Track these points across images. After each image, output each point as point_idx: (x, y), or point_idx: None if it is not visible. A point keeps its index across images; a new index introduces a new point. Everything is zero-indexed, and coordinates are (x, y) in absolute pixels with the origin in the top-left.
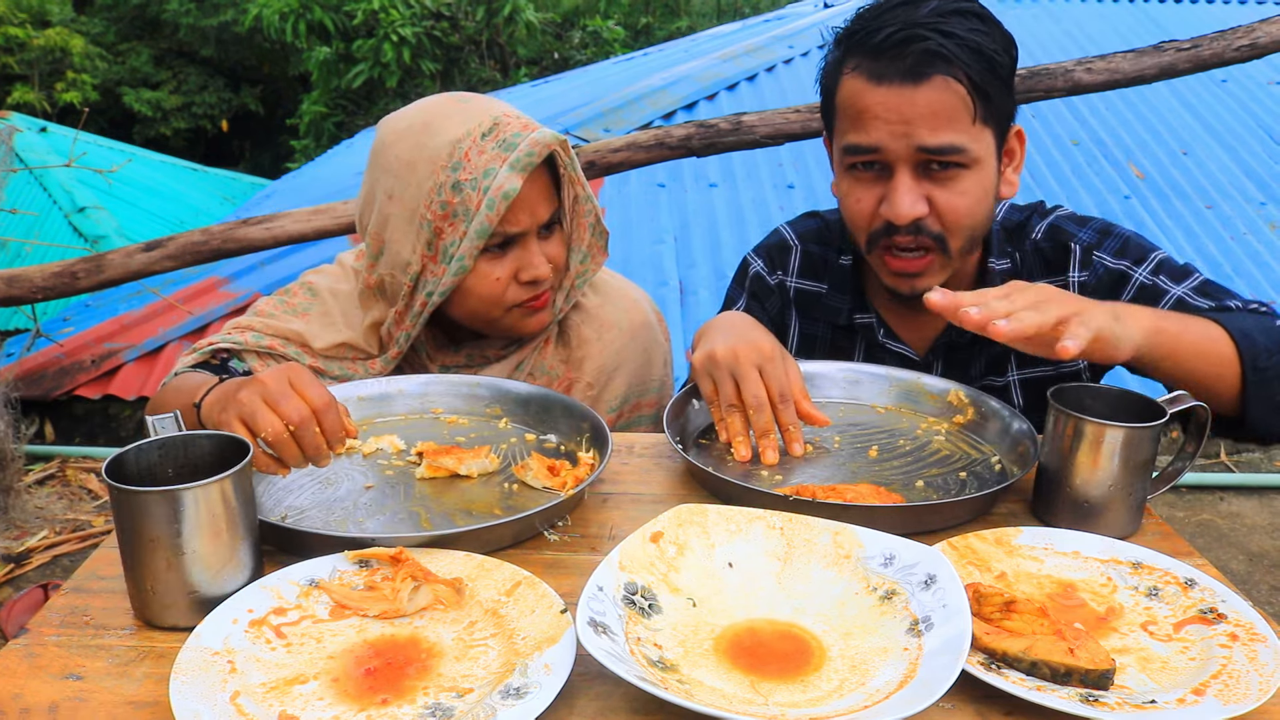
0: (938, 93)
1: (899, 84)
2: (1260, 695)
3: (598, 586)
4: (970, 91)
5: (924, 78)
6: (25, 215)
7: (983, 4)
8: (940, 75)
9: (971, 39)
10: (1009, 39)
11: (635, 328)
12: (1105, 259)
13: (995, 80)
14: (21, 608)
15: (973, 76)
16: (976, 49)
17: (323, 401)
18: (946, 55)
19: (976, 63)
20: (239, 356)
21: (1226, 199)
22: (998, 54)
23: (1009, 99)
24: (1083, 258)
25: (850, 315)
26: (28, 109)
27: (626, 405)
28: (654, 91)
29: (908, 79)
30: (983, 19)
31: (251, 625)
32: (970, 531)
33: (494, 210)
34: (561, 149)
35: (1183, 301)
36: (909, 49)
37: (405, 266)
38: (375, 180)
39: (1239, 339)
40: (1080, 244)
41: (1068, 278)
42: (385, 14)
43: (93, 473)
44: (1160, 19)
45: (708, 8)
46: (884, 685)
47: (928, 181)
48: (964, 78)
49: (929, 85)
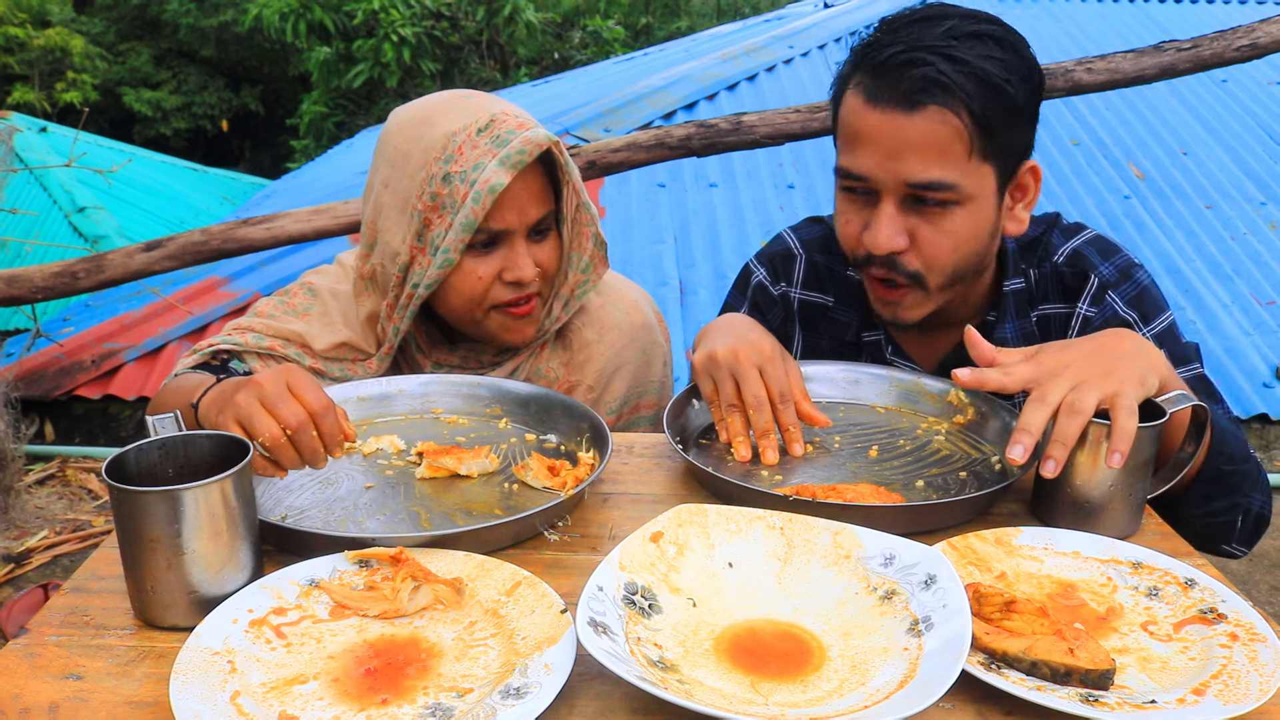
0: (931, 124)
1: (893, 109)
2: (1260, 695)
3: (598, 586)
4: (970, 125)
5: (919, 106)
6: (25, 215)
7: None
8: (936, 105)
9: (980, 66)
10: (1030, 67)
11: (635, 329)
12: (1118, 304)
13: (1002, 112)
14: (21, 608)
15: (974, 109)
16: (983, 78)
17: (320, 405)
18: (946, 84)
19: (981, 93)
20: (239, 357)
21: (1226, 199)
22: (1010, 84)
23: (1021, 132)
24: (1096, 293)
25: (858, 333)
26: (28, 109)
27: (626, 407)
28: (654, 91)
29: (903, 105)
30: (1002, 44)
31: (251, 625)
32: (970, 531)
33: (479, 204)
34: (557, 150)
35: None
36: (908, 73)
37: (395, 256)
38: (376, 169)
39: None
40: (1099, 277)
41: (1076, 307)
42: (385, 14)
43: (93, 473)
44: (1160, 19)
45: (708, 8)
46: (884, 685)
47: (914, 215)
48: (964, 109)
49: (923, 115)
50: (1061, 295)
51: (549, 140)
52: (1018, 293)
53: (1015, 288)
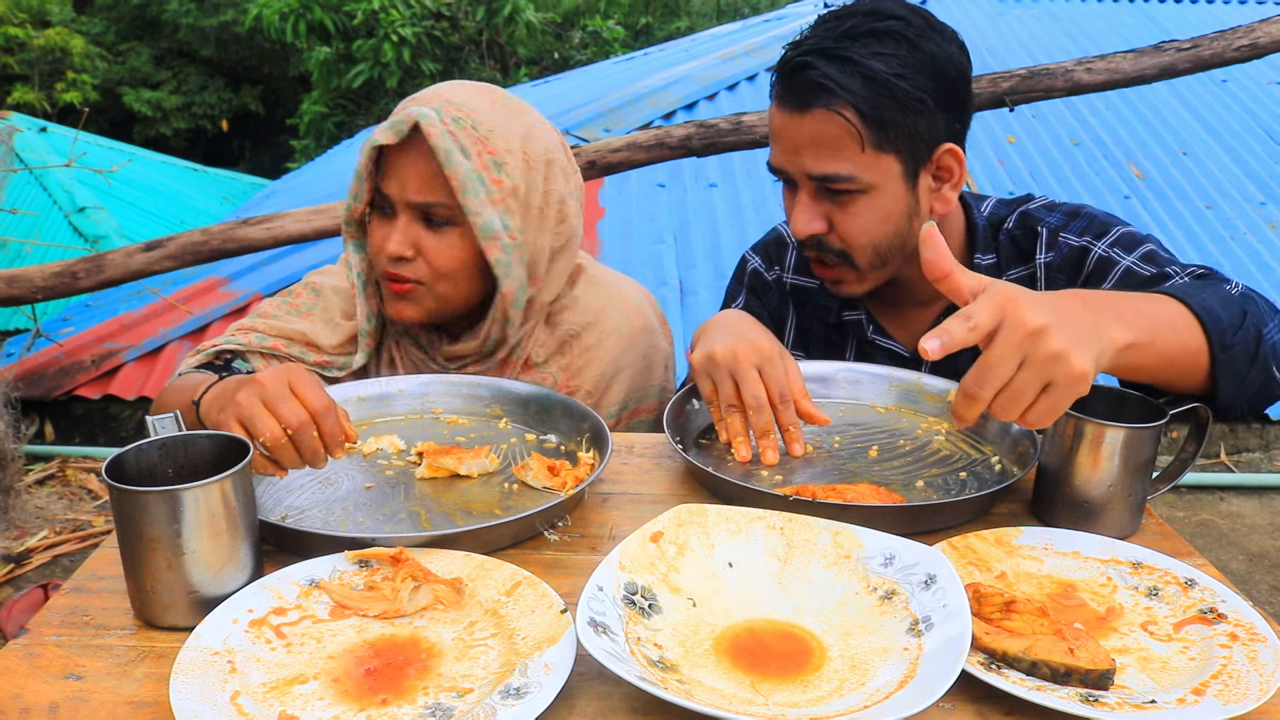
0: (818, 124)
1: (789, 111)
2: (1260, 695)
3: (598, 586)
4: (858, 122)
5: (807, 108)
6: (25, 215)
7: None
8: (821, 108)
9: (868, 65)
10: (934, 59)
11: (635, 333)
12: (1070, 238)
13: (895, 105)
14: (21, 608)
15: (859, 106)
16: (870, 75)
17: (322, 405)
18: (829, 87)
19: (868, 90)
20: (243, 357)
21: (1226, 199)
22: (904, 77)
23: (924, 121)
24: (1049, 239)
25: (839, 313)
26: (28, 109)
27: (625, 411)
28: (654, 91)
29: (795, 107)
30: (897, 39)
31: (251, 625)
32: (970, 531)
33: (363, 157)
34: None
35: (1130, 271)
36: (797, 78)
37: (350, 209)
38: None
39: (1205, 320)
40: (1048, 227)
41: (1036, 261)
42: (385, 14)
43: (93, 473)
44: (1160, 19)
45: (708, 8)
46: (884, 685)
47: (828, 201)
48: (849, 109)
49: (810, 117)
50: (1019, 258)
51: (419, 115)
52: (989, 267)
53: (988, 262)
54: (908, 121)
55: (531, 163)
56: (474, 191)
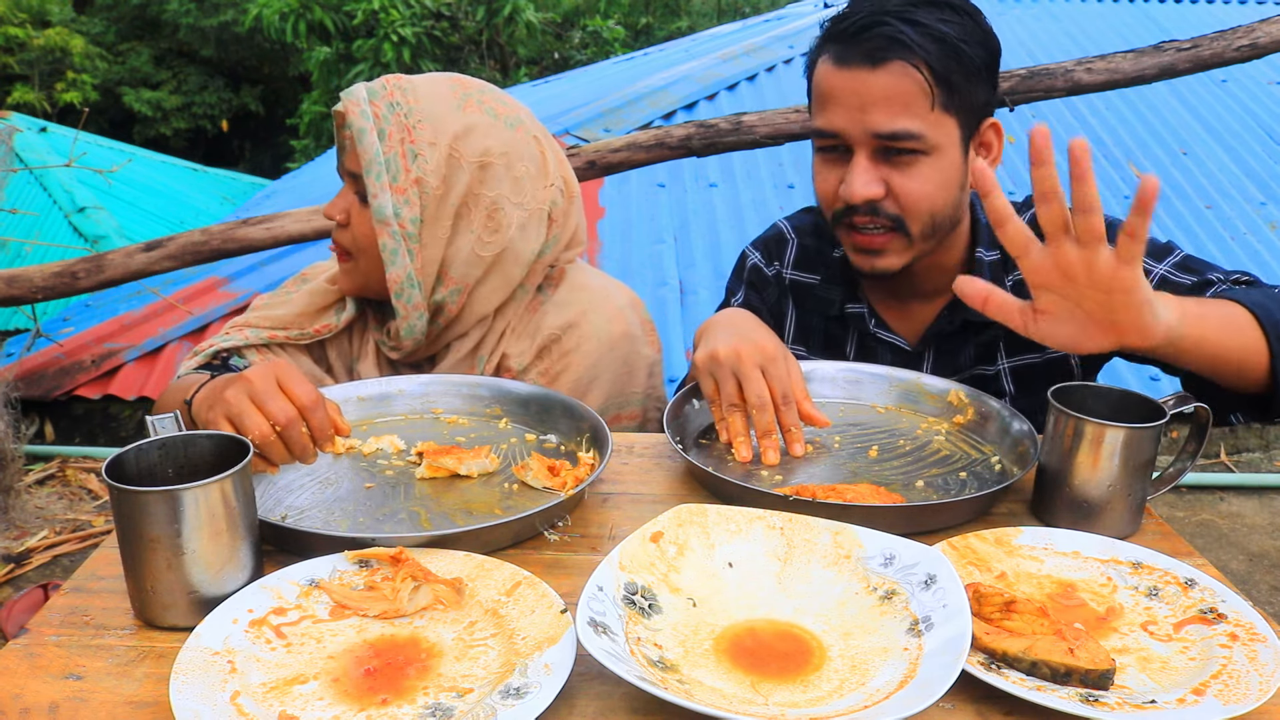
0: (894, 78)
1: (859, 67)
2: (1260, 695)
3: (598, 586)
4: (930, 78)
5: (882, 62)
6: (25, 215)
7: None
8: (899, 60)
9: (937, 28)
10: (986, 34)
11: (615, 339)
12: None
13: (960, 69)
14: (21, 608)
15: (933, 64)
16: (941, 38)
17: (310, 400)
18: (906, 42)
19: (939, 50)
20: (240, 353)
21: (1226, 199)
22: (966, 44)
23: (979, 91)
24: None
25: (842, 306)
26: (28, 109)
27: (606, 416)
28: (654, 91)
29: (866, 62)
30: (957, 10)
31: (251, 625)
32: (970, 531)
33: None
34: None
35: (1165, 280)
36: (871, 33)
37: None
38: None
39: (1260, 315)
40: None
41: None
42: (385, 14)
43: (93, 473)
44: (1160, 19)
45: (708, 8)
46: (884, 685)
47: (886, 165)
48: (923, 65)
49: (886, 70)
50: None
51: (347, 93)
52: (994, 264)
53: (992, 259)
54: (969, 87)
55: (458, 161)
56: (377, 174)
